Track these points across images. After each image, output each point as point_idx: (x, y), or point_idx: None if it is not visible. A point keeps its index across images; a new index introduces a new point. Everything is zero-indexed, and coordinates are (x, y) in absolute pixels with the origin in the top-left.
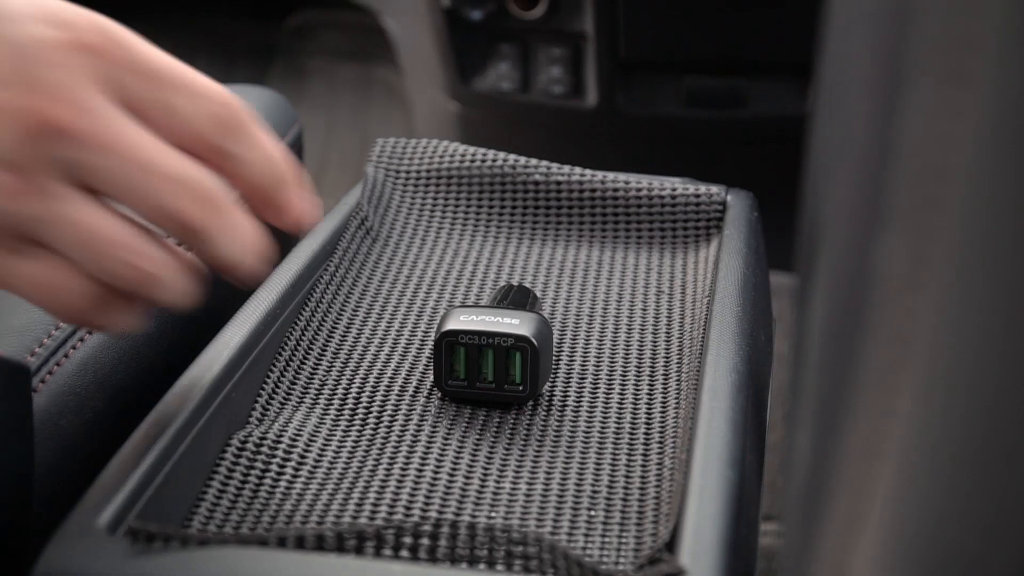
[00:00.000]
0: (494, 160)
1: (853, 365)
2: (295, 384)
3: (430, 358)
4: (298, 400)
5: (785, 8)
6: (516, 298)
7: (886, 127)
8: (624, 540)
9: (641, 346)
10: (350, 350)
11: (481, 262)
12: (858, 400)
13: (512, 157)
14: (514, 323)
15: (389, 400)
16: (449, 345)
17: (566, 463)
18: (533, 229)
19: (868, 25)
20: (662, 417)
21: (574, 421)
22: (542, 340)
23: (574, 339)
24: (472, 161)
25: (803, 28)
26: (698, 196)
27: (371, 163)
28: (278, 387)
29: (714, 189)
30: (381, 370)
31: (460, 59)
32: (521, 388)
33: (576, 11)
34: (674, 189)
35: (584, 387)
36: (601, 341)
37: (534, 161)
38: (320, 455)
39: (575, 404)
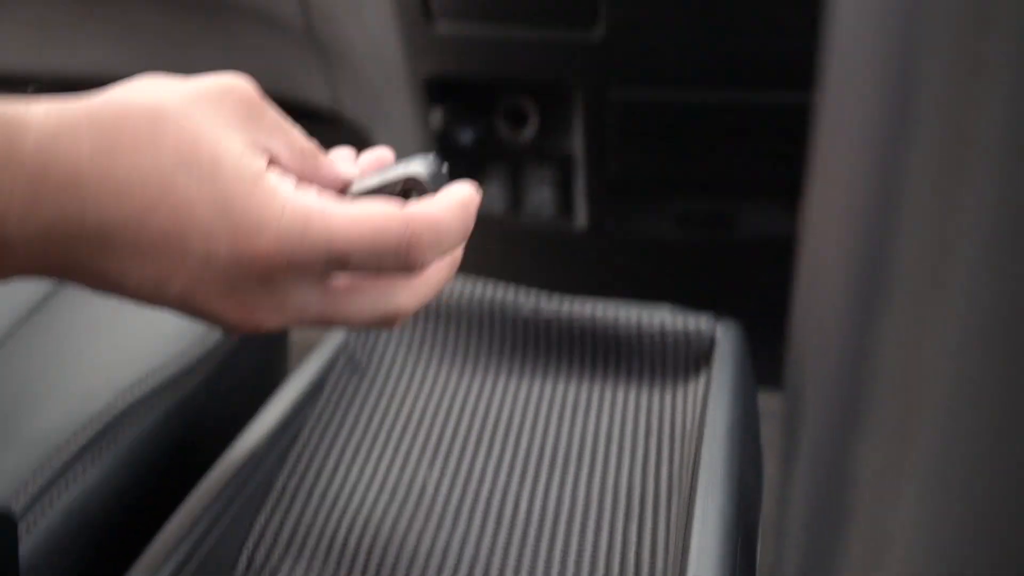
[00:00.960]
0: (483, 293)
1: (834, 561)
2: (281, 531)
3: (418, 501)
4: (284, 548)
5: (772, 133)
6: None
7: (864, 340)
8: None
9: (630, 487)
10: (337, 494)
11: (470, 399)
12: None
13: (501, 290)
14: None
15: (376, 549)
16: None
17: None
18: (522, 364)
19: (856, 161)
20: (651, 560)
21: (562, 563)
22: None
23: (563, 478)
24: (461, 294)
25: (790, 152)
26: (687, 331)
27: None
28: (264, 534)
29: (703, 322)
30: (368, 516)
31: (450, 181)
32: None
33: (565, 134)
34: (663, 323)
35: (572, 529)
36: (590, 482)
37: (523, 295)
38: None
39: (563, 546)
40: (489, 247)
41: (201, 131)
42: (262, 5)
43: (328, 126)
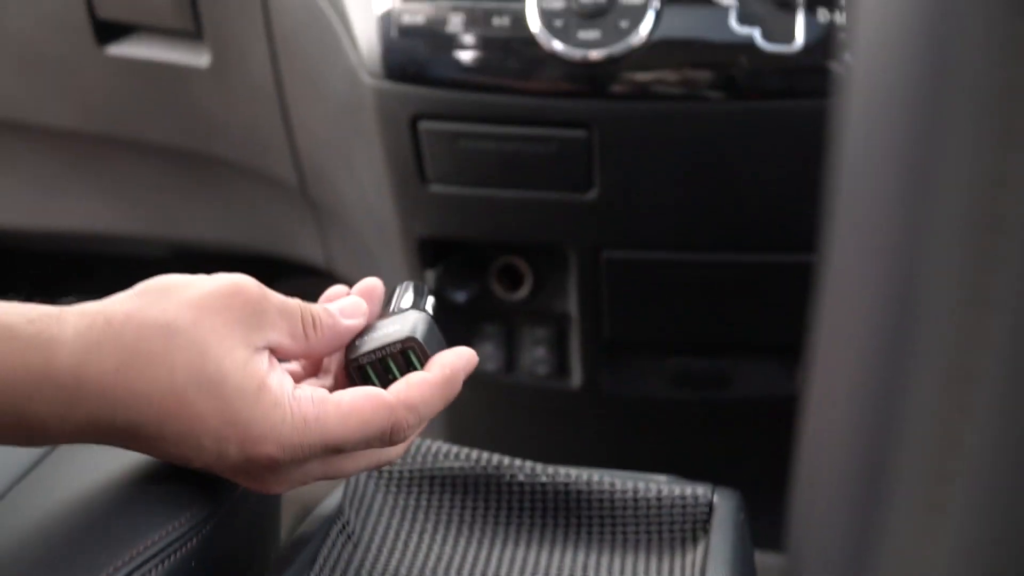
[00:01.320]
0: (477, 460)
1: None
2: None
3: None
4: None
5: (769, 291)
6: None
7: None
8: None
9: None
10: None
11: (465, 567)
12: None
13: (496, 457)
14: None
15: None
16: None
17: None
18: (518, 532)
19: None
20: None
21: None
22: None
23: None
24: (455, 461)
25: (788, 310)
26: (684, 499)
27: None
28: None
29: (700, 490)
30: None
31: (445, 341)
32: None
33: (560, 293)
34: (660, 491)
35: None
36: None
37: (519, 461)
38: None
39: None
40: (483, 406)
41: (208, 347)
42: (257, 163)
43: (323, 279)
